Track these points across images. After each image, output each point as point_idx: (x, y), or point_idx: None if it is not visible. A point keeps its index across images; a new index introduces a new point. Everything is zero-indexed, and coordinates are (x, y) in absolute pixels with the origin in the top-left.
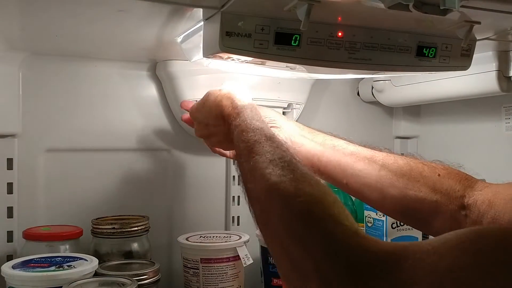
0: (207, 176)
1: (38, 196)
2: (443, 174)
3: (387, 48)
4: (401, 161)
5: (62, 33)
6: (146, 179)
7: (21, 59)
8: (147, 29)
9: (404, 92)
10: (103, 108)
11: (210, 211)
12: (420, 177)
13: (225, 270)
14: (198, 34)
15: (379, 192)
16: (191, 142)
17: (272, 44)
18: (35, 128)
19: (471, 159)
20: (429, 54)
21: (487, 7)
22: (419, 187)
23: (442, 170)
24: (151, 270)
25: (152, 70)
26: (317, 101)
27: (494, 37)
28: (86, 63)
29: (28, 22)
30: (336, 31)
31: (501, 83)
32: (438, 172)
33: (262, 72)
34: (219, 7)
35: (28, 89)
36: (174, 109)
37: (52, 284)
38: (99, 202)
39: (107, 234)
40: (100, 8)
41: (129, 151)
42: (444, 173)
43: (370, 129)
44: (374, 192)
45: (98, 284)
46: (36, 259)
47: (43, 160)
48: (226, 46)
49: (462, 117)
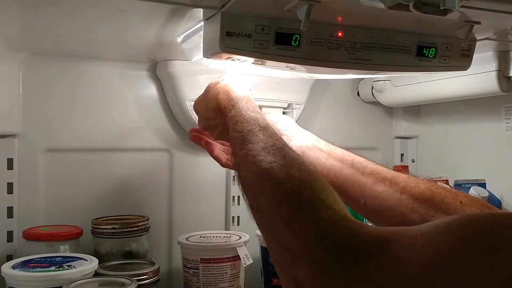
0: (207, 176)
1: (38, 196)
2: (465, 202)
3: (387, 48)
4: (423, 185)
5: (62, 33)
6: (146, 179)
7: (21, 59)
8: (147, 29)
9: (404, 92)
10: (103, 108)
11: (210, 211)
12: (442, 203)
13: (225, 270)
14: (198, 34)
15: (401, 216)
16: (191, 142)
17: (272, 44)
18: (35, 128)
19: (471, 159)
20: (429, 54)
21: (487, 7)
22: (441, 214)
23: (464, 197)
24: (151, 270)
25: (152, 70)
26: (317, 101)
27: (494, 37)
28: (86, 63)
29: (28, 23)
30: (336, 31)
31: (501, 83)
32: (460, 199)
33: (262, 72)
34: (219, 7)
35: (28, 89)
36: (174, 109)
37: (52, 284)
38: (99, 202)
39: (107, 234)
40: (100, 8)
41: (129, 151)
42: (466, 201)
43: (370, 129)
44: (395, 216)
45: (98, 284)
46: (36, 259)
47: (43, 160)
48: (226, 46)
49: (462, 117)
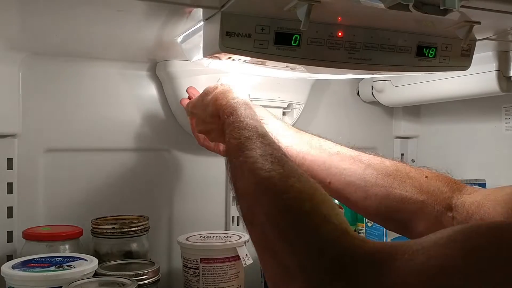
0: (207, 176)
1: (38, 196)
2: (431, 177)
3: (387, 48)
4: (388, 162)
5: (61, 33)
6: (146, 179)
7: (21, 59)
8: (147, 29)
9: (404, 92)
10: (103, 108)
11: (210, 211)
12: (407, 177)
13: (225, 270)
14: (198, 34)
15: (363, 190)
16: (191, 142)
17: (272, 44)
18: (35, 128)
19: (471, 159)
20: (429, 54)
21: (487, 7)
22: (404, 186)
23: (430, 173)
24: (151, 270)
25: (152, 70)
26: (317, 101)
27: (494, 37)
28: (86, 63)
29: (28, 23)
30: (336, 31)
31: (501, 83)
32: (426, 175)
33: (262, 72)
34: (219, 7)
35: (28, 89)
36: (174, 109)
37: (52, 284)
38: (99, 202)
39: (107, 234)
40: (99, 8)
41: (129, 151)
42: (432, 176)
43: (370, 129)
44: (358, 191)
45: (98, 284)
46: (36, 259)
47: (43, 160)
48: (226, 46)
49: (462, 117)
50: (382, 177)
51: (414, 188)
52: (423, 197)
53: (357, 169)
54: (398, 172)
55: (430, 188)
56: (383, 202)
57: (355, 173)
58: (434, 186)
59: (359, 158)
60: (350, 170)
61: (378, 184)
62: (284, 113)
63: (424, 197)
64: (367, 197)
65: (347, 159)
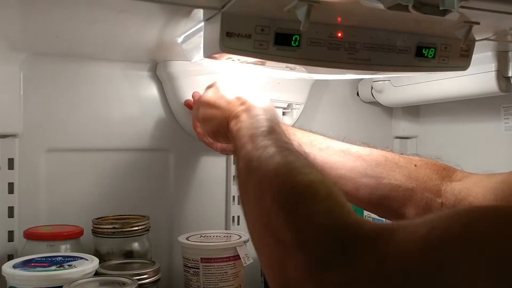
0: (207, 176)
1: (39, 196)
2: (420, 165)
3: (387, 49)
4: (377, 152)
5: (62, 33)
6: (146, 179)
7: (22, 60)
8: (147, 29)
9: (404, 92)
10: (104, 108)
11: (210, 211)
12: (396, 167)
13: (225, 270)
14: (199, 35)
15: (353, 182)
16: (191, 142)
17: (272, 45)
18: (36, 128)
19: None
20: (428, 54)
21: (486, 8)
22: (394, 175)
23: (419, 161)
24: (151, 270)
25: (153, 71)
26: (317, 101)
27: (493, 37)
28: (87, 63)
29: (29, 23)
30: (336, 31)
31: (500, 83)
32: (415, 163)
33: (262, 72)
34: (220, 8)
35: (29, 89)
36: (175, 110)
37: (53, 283)
38: (100, 202)
39: (108, 233)
40: (100, 9)
41: (129, 151)
42: (421, 164)
43: (369, 129)
44: (348, 182)
45: (99, 283)
46: (37, 258)
47: (44, 160)
48: (226, 47)
49: (461, 117)
50: (372, 167)
51: (403, 176)
52: (412, 184)
53: (346, 162)
54: (387, 161)
55: (419, 175)
56: (374, 191)
57: (345, 166)
58: (423, 173)
59: (348, 151)
60: (340, 163)
61: (368, 174)
62: (284, 113)
63: (413, 184)
64: (358, 188)
65: (337, 153)
